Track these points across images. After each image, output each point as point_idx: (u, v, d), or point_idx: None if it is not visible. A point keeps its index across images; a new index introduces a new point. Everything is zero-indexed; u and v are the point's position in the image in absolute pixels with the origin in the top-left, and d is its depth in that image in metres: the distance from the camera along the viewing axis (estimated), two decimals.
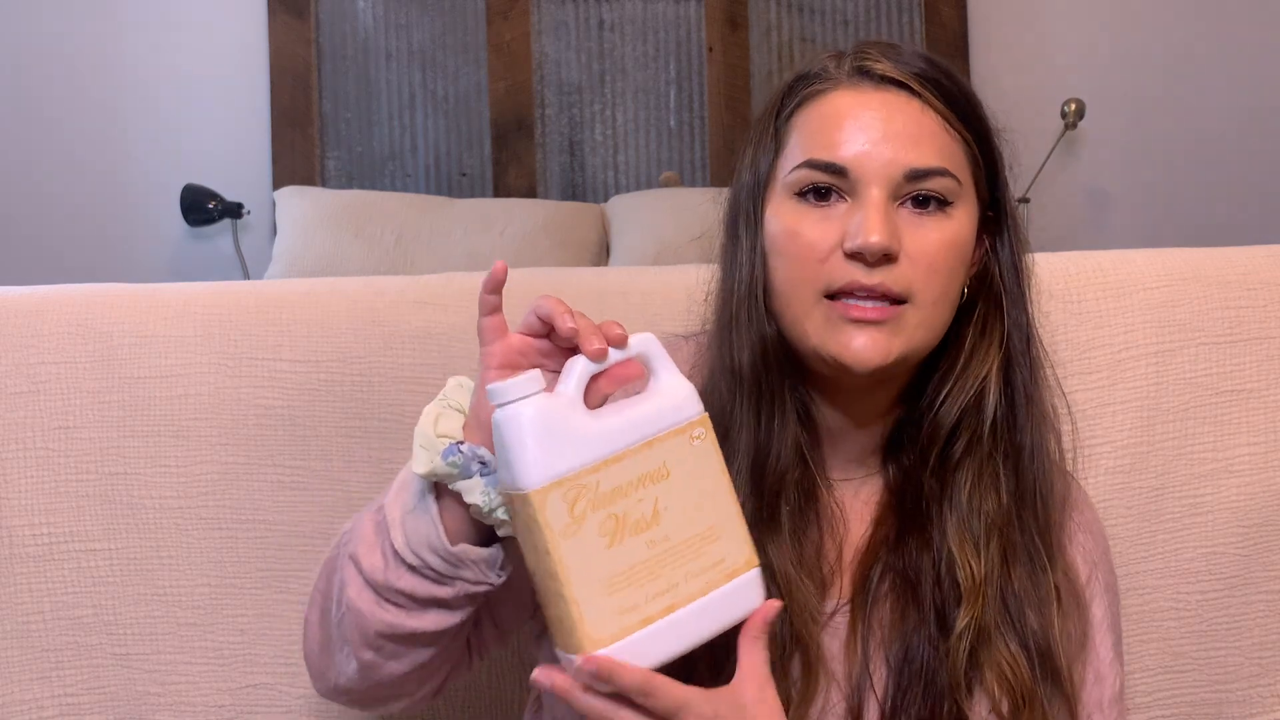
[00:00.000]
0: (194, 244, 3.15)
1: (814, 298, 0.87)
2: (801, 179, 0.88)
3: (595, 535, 0.75)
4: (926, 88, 0.88)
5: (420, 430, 0.81)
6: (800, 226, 0.87)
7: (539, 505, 0.74)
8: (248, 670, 1.13)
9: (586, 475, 0.76)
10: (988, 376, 0.91)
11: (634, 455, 0.77)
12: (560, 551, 0.74)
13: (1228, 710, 1.15)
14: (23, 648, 1.11)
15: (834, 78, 0.90)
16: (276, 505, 1.13)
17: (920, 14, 3.24)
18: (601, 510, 0.76)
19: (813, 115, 0.90)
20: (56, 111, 3.11)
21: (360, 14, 3.17)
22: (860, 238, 0.84)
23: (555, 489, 0.75)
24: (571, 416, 0.76)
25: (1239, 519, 1.14)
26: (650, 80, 3.21)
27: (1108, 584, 0.97)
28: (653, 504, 0.77)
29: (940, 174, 0.87)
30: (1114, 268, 1.18)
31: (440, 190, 3.15)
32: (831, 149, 0.87)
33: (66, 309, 1.16)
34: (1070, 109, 3.10)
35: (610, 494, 0.76)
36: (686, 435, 0.79)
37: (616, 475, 0.77)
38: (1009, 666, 0.88)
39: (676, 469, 0.78)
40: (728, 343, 0.91)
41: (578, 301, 1.18)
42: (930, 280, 0.86)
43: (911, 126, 0.87)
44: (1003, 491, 0.90)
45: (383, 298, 1.17)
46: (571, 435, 0.76)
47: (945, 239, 0.87)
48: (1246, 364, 1.15)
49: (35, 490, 1.12)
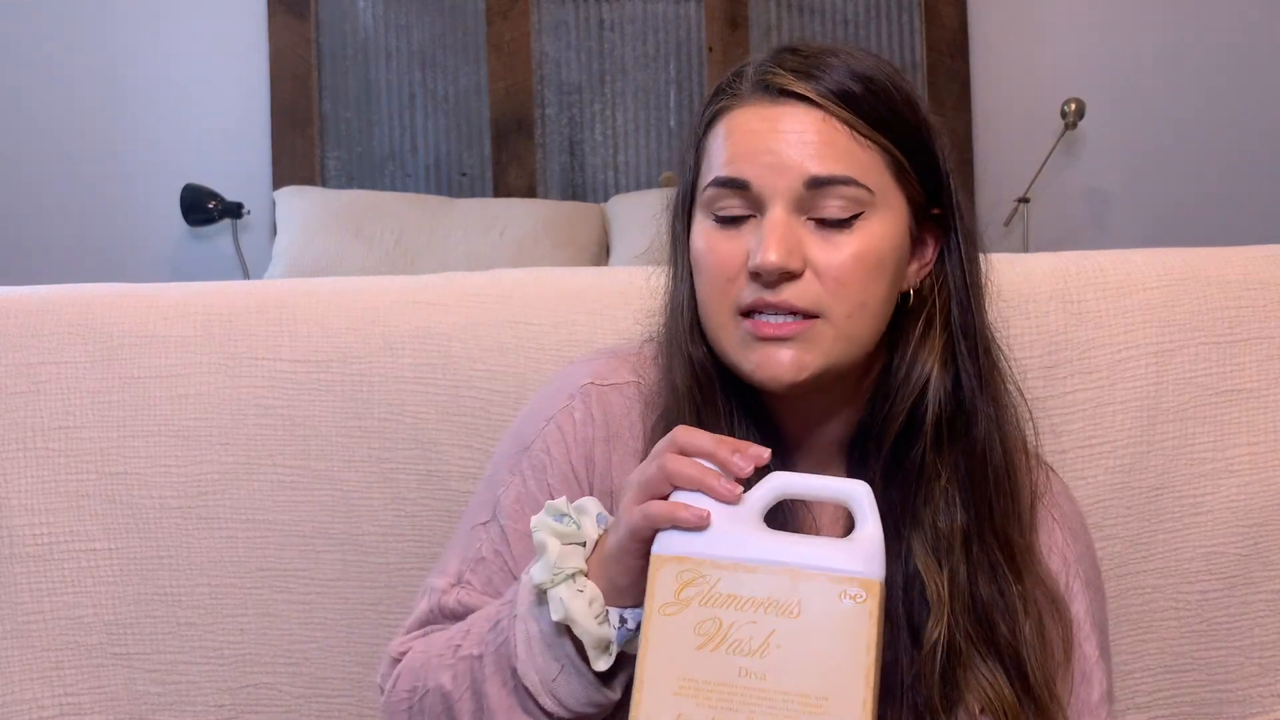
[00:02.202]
0: (194, 244, 3.15)
1: (729, 316, 0.86)
2: (711, 197, 0.88)
3: (690, 629, 0.71)
4: (829, 99, 0.86)
5: (584, 630, 0.78)
6: (714, 245, 0.87)
7: (654, 571, 0.72)
8: (248, 670, 1.13)
9: (710, 566, 0.72)
10: (929, 378, 0.89)
11: (769, 574, 0.72)
12: (651, 624, 0.72)
13: (1228, 710, 1.15)
14: (23, 648, 1.11)
15: (739, 93, 0.89)
16: (276, 505, 1.13)
17: (920, 14, 3.24)
18: (709, 609, 0.71)
19: (720, 131, 0.89)
20: (57, 111, 3.11)
21: (360, 14, 3.17)
22: (758, 257, 0.84)
23: (674, 562, 0.72)
24: (739, 515, 0.73)
25: (1239, 519, 1.14)
26: (650, 80, 3.21)
27: (1088, 580, 0.96)
28: (767, 634, 0.71)
29: (844, 182, 0.85)
30: (1114, 268, 1.18)
31: (440, 190, 3.15)
32: (733, 164, 0.87)
33: (66, 309, 1.16)
34: (1070, 109, 3.10)
35: (725, 598, 0.71)
36: (838, 587, 0.72)
37: (741, 584, 0.72)
38: (988, 684, 0.87)
39: (811, 615, 0.71)
40: (667, 360, 0.92)
41: (578, 301, 1.18)
42: (840, 294, 0.85)
43: (811, 137, 0.86)
44: (958, 501, 0.89)
45: (383, 298, 1.17)
46: (724, 530, 0.73)
47: (854, 252, 0.85)
48: (1246, 364, 1.15)
49: (35, 490, 1.12)
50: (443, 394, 1.13)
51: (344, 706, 1.13)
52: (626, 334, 1.12)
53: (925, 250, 0.92)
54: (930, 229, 0.92)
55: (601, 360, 0.96)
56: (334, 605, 1.13)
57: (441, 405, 1.12)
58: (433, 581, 0.94)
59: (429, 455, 1.12)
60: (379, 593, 1.13)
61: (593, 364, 0.96)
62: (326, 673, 1.13)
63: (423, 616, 0.93)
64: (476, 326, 1.14)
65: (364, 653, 1.13)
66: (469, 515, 0.96)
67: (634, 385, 0.94)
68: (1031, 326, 1.14)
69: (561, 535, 0.82)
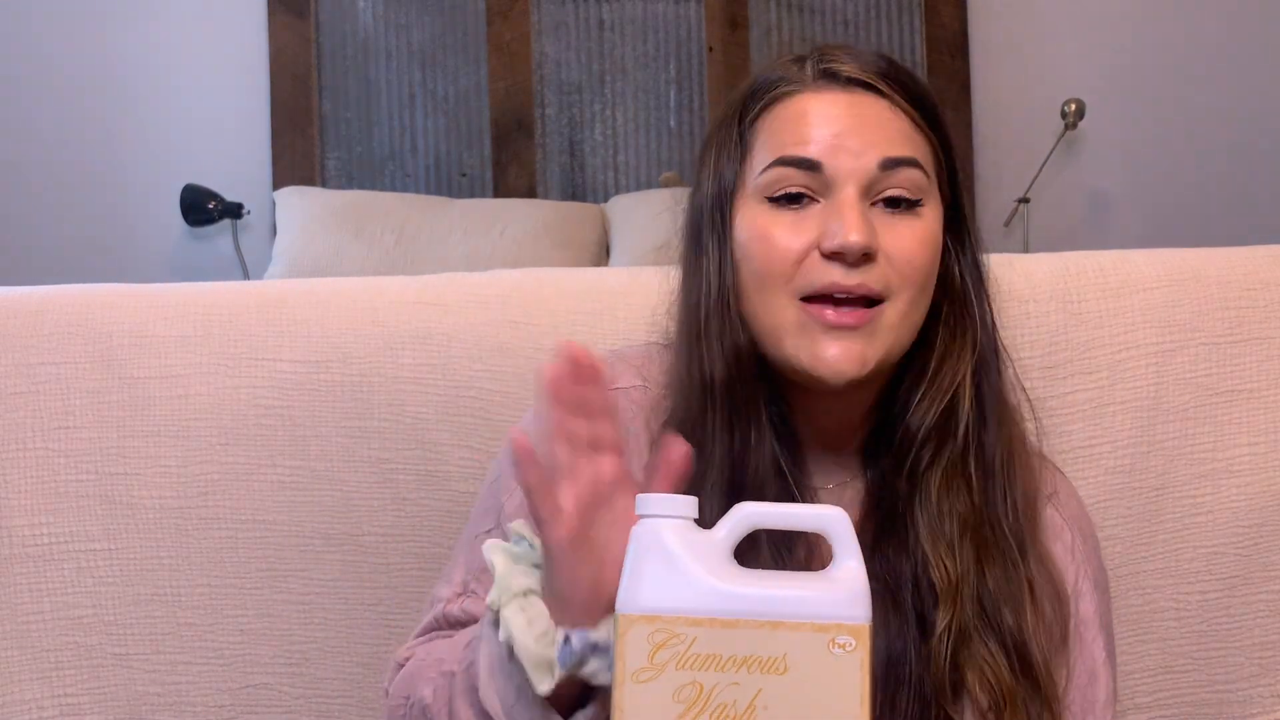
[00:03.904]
0: (194, 244, 3.15)
1: (789, 303, 0.86)
2: (774, 178, 0.87)
3: (669, 697, 0.64)
4: (893, 88, 0.88)
5: (523, 648, 0.73)
6: (773, 230, 0.87)
7: (621, 631, 0.66)
8: (248, 670, 1.13)
9: (683, 624, 0.65)
10: (961, 381, 0.90)
11: (750, 629, 0.65)
12: (624, 693, 0.65)
13: (1228, 710, 1.15)
14: (23, 648, 1.11)
15: (799, 80, 0.90)
16: (276, 505, 1.13)
17: (920, 14, 3.24)
18: (686, 672, 0.65)
19: (780, 116, 0.89)
20: (56, 111, 3.11)
21: (360, 14, 3.17)
22: (840, 237, 0.84)
23: (643, 623, 0.65)
24: (710, 558, 0.67)
25: (1239, 519, 1.14)
26: (650, 80, 3.21)
27: (1097, 581, 0.97)
28: (751, 696, 0.65)
29: (912, 164, 0.87)
30: (1114, 268, 1.18)
31: (440, 190, 3.15)
32: (803, 145, 0.87)
33: (66, 309, 1.15)
34: (1070, 109, 3.10)
35: (703, 659, 0.65)
36: (826, 638, 0.66)
37: (719, 642, 0.65)
38: (988, 666, 0.87)
39: (798, 670, 0.66)
40: (697, 355, 0.89)
41: (578, 301, 1.18)
42: (907, 278, 0.86)
43: (882, 122, 0.87)
44: (974, 491, 0.90)
45: (383, 298, 1.17)
46: (694, 577, 0.66)
47: (919, 236, 0.87)
48: (1246, 364, 1.15)
49: (35, 490, 1.12)
50: (443, 394, 1.13)
51: (344, 706, 1.13)
52: (627, 334, 1.12)
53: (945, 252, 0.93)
54: (947, 229, 0.93)
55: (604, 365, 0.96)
56: (334, 605, 1.13)
57: (441, 405, 1.12)
58: (438, 591, 0.94)
59: (429, 456, 1.12)
60: (379, 593, 1.13)
61: None
62: (326, 673, 1.13)
63: (429, 626, 0.92)
64: (476, 326, 1.14)
65: (364, 653, 1.13)
66: (473, 523, 0.96)
67: (639, 389, 0.94)
68: (1031, 326, 1.14)
69: (513, 555, 0.79)
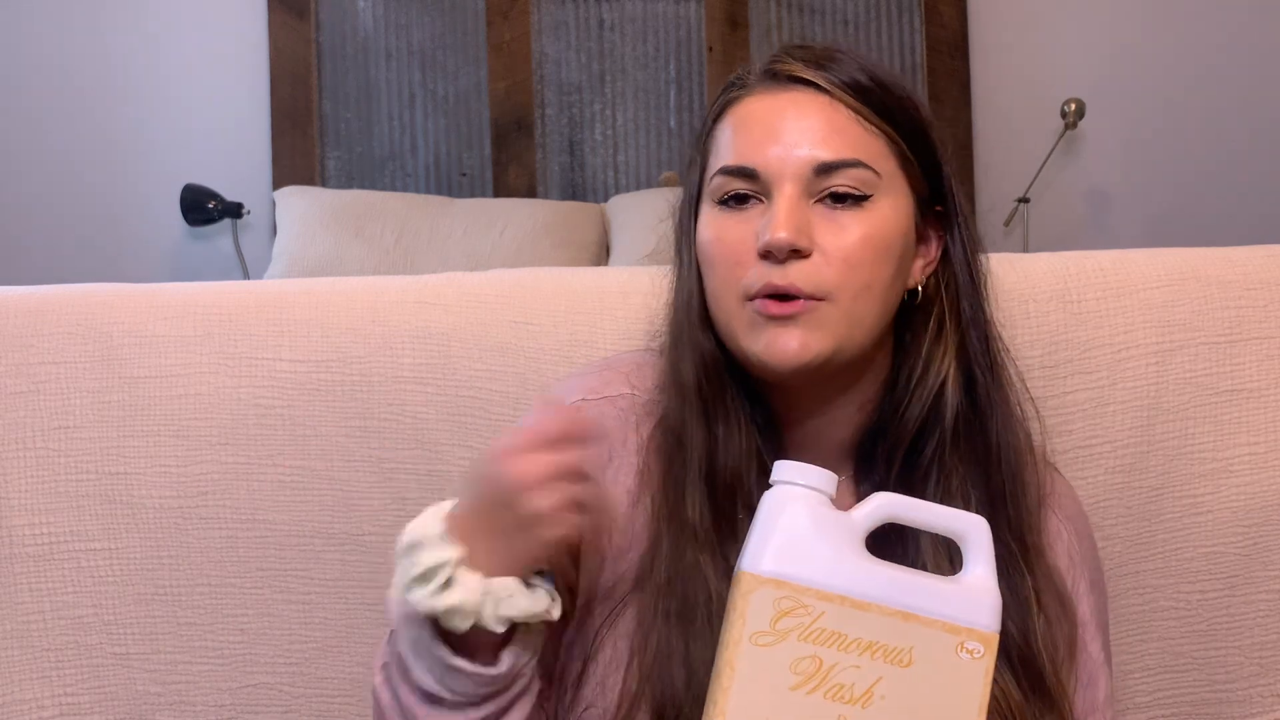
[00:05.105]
0: (194, 244, 3.15)
1: (738, 302, 0.87)
2: (719, 185, 0.89)
3: (786, 667, 0.63)
4: (835, 84, 0.88)
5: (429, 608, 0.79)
6: (721, 233, 0.88)
7: (745, 591, 0.64)
8: (248, 670, 1.13)
9: (813, 597, 0.64)
10: (946, 378, 0.90)
11: (881, 616, 0.65)
12: (739, 652, 0.63)
13: (1228, 710, 1.15)
14: (23, 648, 1.11)
15: (747, 84, 0.91)
16: (276, 505, 1.13)
17: (920, 14, 3.24)
18: (808, 645, 0.63)
19: (727, 123, 0.91)
20: (56, 111, 3.11)
21: (360, 14, 3.17)
22: (767, 234, 0.84)
23: (771, 586, 0.64)
24: (843, 539, 0.66)
25: (1239, 519, 1.14)
26: (650, 80, 3.21)
27: (1093, 581, 0.97)
28: (871, 682, 0.64)
29: (852, 165, 0.86)
30: (1114, 268, 1.18)
31: (440, 190, 3.15)
32: (741, 153, 0.88)
33: (66, 309, 1.16)
34: (1070, 109, 3.10)
35: (828, 635, 0.64)
36: (957, 640, 0.66)
37: (847, 621, 0.64)
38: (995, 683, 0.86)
39: (923, 666, 0.65)
40: (673, 358, 0.92)
41: (578, 301, 1.18)
42: (848, 276, 0.86)
43: (820, 122, 0.87)
44: (971, 497, 0.89)
45: (383, 298, 1.17)
46: (828, 553, 0.65)
47: (864, 233, 0.86)
48: (1246, 364, 1.15)
49: (35, 490, 1.12)
50: (443, 394, 1.13)
51: (344, 706, 1.13)
52: (626, 333, 1.12)
53: (929, 248, 0.93)
54: (934, 225, 0.93)
55: (594, 374, 0.97)
56: (334, 605, 1.13)
57: (441, 405, 1.12)
58: None
59: (429, 455, 1.12)
60: (379, 593, 1.13)
61: (585, 379, 0.96)
62: (326, 673, 1.13)
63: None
64: (476, 326, 1.14)
65: (364, 653, 1.13)
66: None
67: (628, 397, 0.94)
68: (1031, 326, 1.14)
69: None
